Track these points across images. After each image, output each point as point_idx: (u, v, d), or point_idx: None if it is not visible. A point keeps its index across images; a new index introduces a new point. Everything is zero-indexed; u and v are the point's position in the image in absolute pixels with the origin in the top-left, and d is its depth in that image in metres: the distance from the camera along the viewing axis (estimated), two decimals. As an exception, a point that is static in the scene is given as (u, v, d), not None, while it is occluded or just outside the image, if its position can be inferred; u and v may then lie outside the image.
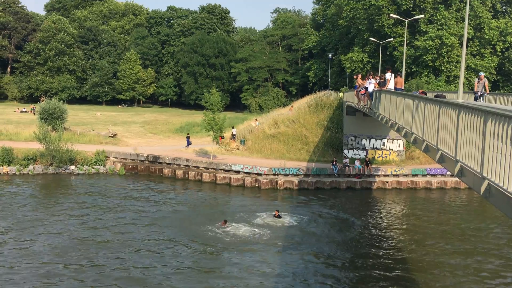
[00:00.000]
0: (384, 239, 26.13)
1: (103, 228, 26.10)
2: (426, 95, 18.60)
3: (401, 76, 24.95)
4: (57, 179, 38.64)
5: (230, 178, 38.61)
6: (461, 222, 29.82)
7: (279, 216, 28.55)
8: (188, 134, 52.26)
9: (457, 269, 21.87)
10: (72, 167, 41.02)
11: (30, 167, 40.08)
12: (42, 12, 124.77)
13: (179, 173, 40.54)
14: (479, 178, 9.97)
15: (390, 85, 22.99)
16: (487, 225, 29.18)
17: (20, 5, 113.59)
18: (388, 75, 23.30)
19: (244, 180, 38.22)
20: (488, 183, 9.55)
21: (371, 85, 26.78)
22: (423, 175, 40.78)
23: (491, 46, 67.90)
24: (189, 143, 48.57)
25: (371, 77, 26.66)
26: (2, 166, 39.48)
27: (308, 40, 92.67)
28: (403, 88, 23.75)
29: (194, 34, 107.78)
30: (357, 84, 31.10)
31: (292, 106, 58.59)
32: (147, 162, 43.26)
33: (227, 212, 30.02)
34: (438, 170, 40.40)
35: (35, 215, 27.96)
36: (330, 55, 79.68)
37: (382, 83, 25.60)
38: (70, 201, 31.64)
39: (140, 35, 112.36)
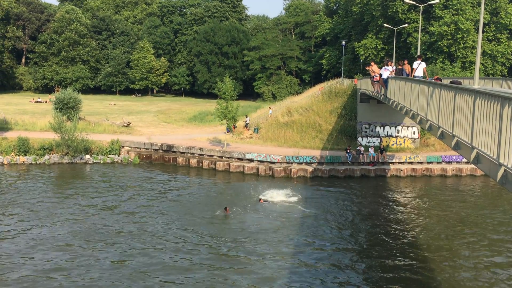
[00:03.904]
0: (399, 227, 26.04)
1: (117, 217, 26.36)
2: (441, 81, 18.38)
3: (409, 63, 24.56)
4: (73, 169, 39.06)
5: (244, 166, 38.68)
6: (477, 210, 29.58)
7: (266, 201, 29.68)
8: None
9: (472, 258, 21.73)
10: (87, 156, 41.39)
11: (46, 156, 40.53)
12: (56, 3, 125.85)
13: (193, 162, 40.70)
14: (495, 164, 9.86)
15: (417, 73, 22.52)
16: (503, 213, 28.92)
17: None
18: (417, 63, 22.79)
19: (258, 169, 38.27)
20: (505, 170, 9.44)
21: (386, 72, 26.51)
22: (438, 162, 40.46)
23: (508, 31, 66.80)
24: (229, 130, 48.26)
25: (390, 64, 26.37)
26: (19, 156, 39.98)
27: (321, 27, 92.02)
28: (416, 75, 23.31)
29: (207, 22, 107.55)
30: (370, 72, 30.68)
31: (322, 87, 58.33)
32: (161, 151, 43.51)
33: (237, 200, 30.13)
34: (454, 157, 40.05)
35: (51, 204, 28.34)
36: (343, 42, 79.05)
37: (399, 71, 25.20)
38: (86, 190, 31.98)
39: (152, 24, 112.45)
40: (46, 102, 78.54)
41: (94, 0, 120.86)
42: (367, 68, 31.88)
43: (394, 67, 26.62)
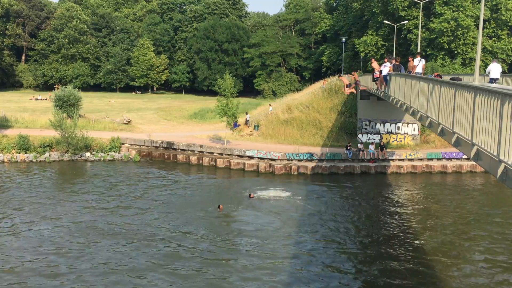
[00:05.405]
0: (399, 224, 26.06)
1: (116, 214, 26.39)
2: (441, 78, 18.37)
3: (405, 61, 24.56)
4: (73, 166, 39.07)
5: (244, 163, 38.70)
6: (477, 207, 29.58)
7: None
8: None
9: (473, 255, 21.76)
10: (88, 154, 41.41)
11: (47, 154, 40.56)
12: (55, 0, 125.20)
13: (193, 159, 40.71)
14: (495, 161, 9.87)
15: (417, 70, 22.50)
16: (504, 210, 28.92)
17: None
18: (417, 60, 22.78)
19: (258, 166, 38.28)
20: (505, 166, 9.44)
21: (385, 68, 26.50)
22: (438, 159, 40.46)
23: (508, 28, 66.69)
24: (236, 125, 48.27)
25: (386, 60, 26.38)
26: (19, 153, 40.00)
27: (321, 24, 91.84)
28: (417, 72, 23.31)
29: (207, 19, 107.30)
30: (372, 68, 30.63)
31: (325, 80, 58.33)
32: (161, 148, 43.51)
33: (234, 197, 30.15)
34: (454, 154, 40.05)
35: (51, 201, 28.37)
36: (343, 39, 78.85)
37: (396, 67, 25.26)
38: (86, 187, 32.00)
39: (152, 22, 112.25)
40: (46, 99, 78.52)
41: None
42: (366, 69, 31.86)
43: (392, 64, 26.56)
